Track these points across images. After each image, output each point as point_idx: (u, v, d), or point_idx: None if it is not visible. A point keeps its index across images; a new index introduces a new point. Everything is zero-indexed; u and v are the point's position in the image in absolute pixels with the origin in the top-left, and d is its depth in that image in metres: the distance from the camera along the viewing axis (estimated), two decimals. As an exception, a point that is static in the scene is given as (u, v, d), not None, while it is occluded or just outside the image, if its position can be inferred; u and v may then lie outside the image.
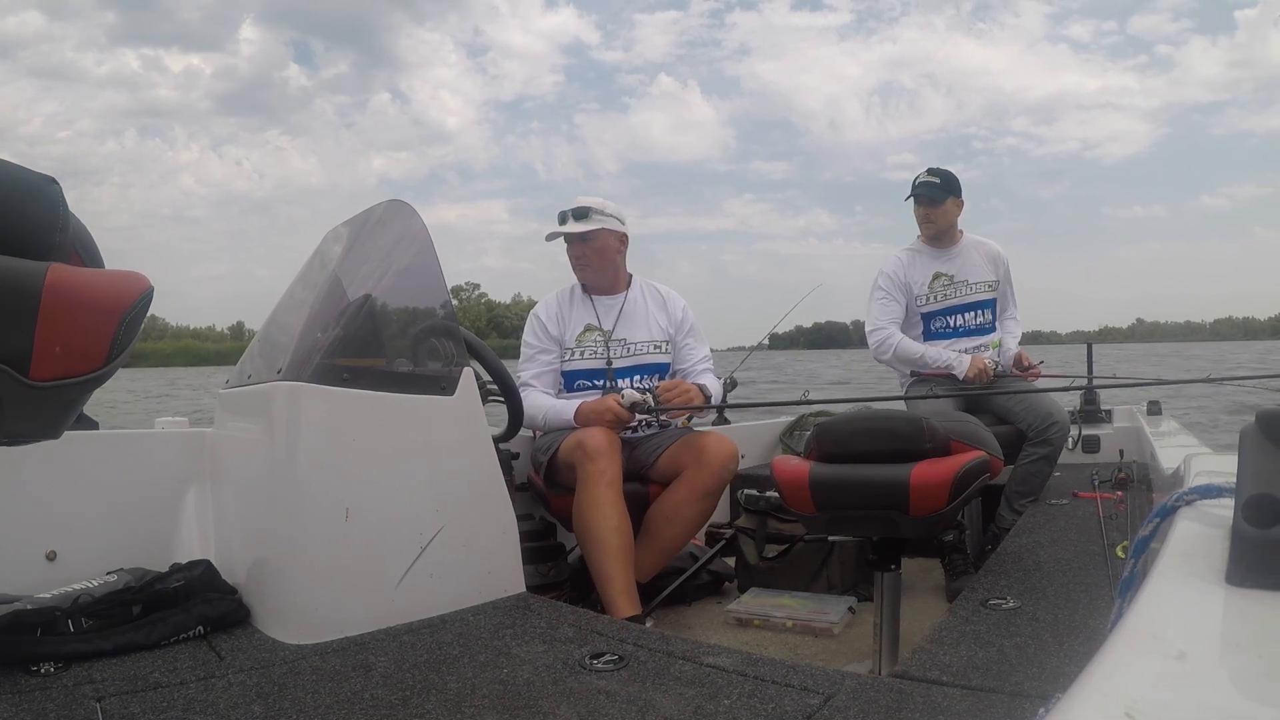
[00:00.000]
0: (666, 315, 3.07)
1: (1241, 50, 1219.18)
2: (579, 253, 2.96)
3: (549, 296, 3.09)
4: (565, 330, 2.97)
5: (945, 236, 3.48)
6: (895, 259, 3.51)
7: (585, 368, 2.95)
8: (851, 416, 2.33)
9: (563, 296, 3.06)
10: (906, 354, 3.40)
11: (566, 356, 2.95)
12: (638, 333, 3.01)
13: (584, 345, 2.96)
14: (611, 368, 2.93)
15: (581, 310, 3.01)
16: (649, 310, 3.05)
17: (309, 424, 1.83)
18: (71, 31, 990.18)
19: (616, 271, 3.04)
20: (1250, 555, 0.65)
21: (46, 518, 2.01)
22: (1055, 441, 3.06)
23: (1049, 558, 2.16)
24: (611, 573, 2.36)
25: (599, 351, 2.95)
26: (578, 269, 3.00)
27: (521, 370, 2.91)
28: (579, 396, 2.87)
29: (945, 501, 1.91)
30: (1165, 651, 0.54)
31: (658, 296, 3.10)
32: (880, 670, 1.99)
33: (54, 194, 0.89)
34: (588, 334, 2.97)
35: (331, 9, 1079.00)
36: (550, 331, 2.96)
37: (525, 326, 3.04)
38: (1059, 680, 1.31)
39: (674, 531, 2.62)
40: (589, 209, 2.94)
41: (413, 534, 1.85)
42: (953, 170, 3.43)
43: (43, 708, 1.38)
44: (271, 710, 1.36)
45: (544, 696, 1.38)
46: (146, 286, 0.94)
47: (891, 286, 3.47)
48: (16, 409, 0.85)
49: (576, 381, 2.96)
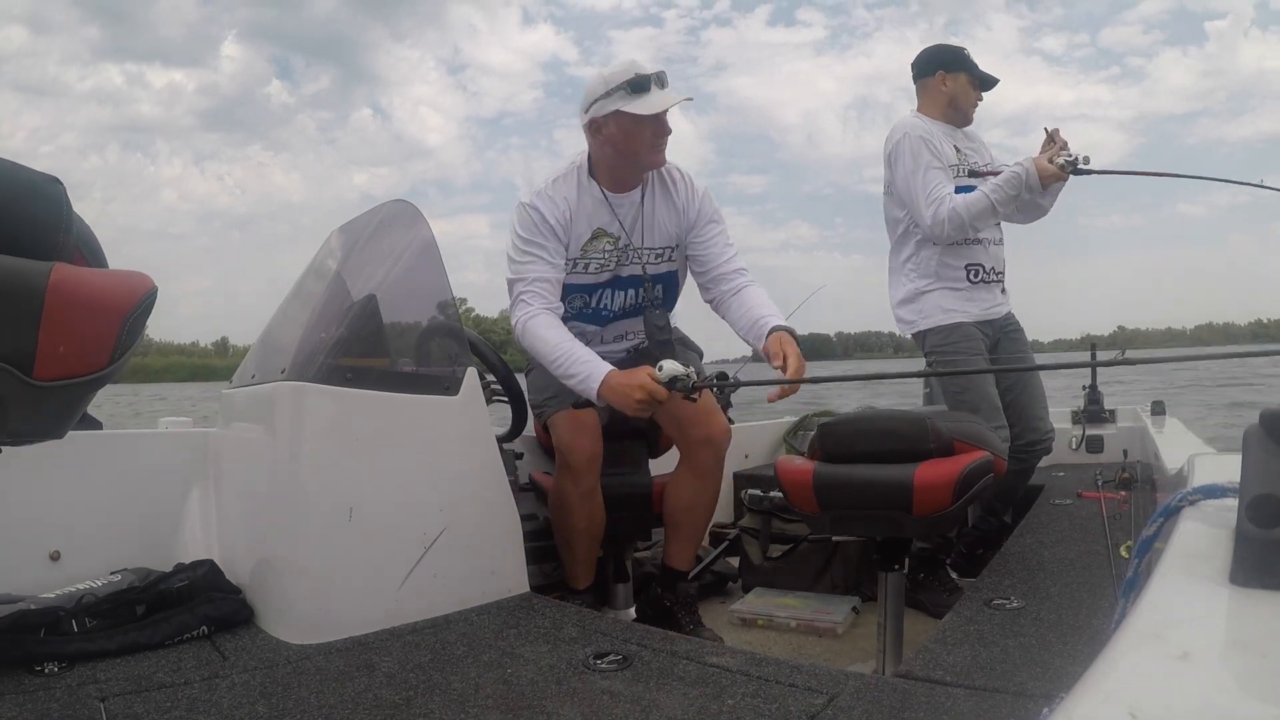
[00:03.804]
0: (673, 207, 2.42)
1: (1212, 60, 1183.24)
2: (665, 130, 2.26)
3: (546, 186, 2.32)
4: (572, 234, 2.33)
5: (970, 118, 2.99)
6: (917, 124, 2.86)
7: (584, 282, 2.40)
8: (855, 417, 2.33)
9: (568, 186, 2.33)
10: (975, 207, 2.70)
11: (569, 268, 2.35)
12: (654, 238, 2.41)
13: (589, 256, 2.36)
14: (619, 276, 2.41)
15: (592, 209, 2.34)
16: (656, 206, 2.41)
17: (313, 424, 1.83)
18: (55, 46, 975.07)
19: None
20: (1254, 555, 0.65)
21: (50, 518, 2.02)
22: (1035, 459, 2.94)
23: (1053, 558, 2.16)
24: (578, 553, 2.48)
25: (607, 264, 2.39)
26: (652, 152, 2.27)
27: (518, 275, 2.26)
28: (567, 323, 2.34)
29: (949, 502, 1.91)
30: (1169, 652, 0.54)
31: (664, 182, 2.42)
32: (884, 670, 1.99)
33: (57, 194, 0.90)
34: (596, 241, 2.36)
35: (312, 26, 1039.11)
36: (558, 231, 2.29)
37: (517, 220, 2.31)
38: (1063, 680, 1.31)
39: (698, 518, 2.49)
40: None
41: (416, 534, 1.85)
42: None
43: (47, 708, 1.38)
44: (275, 710, 1.36)
45: (548, 696, 1.38)
46: (150, 287, 0.95)
47: (935, 154, 2.80)
48: (20, 409, 0.86)
49: (568, 298, 2.39)
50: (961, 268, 2.84)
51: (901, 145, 2.79)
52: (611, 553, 2.66)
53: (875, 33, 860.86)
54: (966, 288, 2.84)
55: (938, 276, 2.84)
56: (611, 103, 2.19)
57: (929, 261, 2.85)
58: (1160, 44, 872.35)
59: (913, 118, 2.88)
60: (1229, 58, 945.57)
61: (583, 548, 2.48)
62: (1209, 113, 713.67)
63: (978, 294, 2.85)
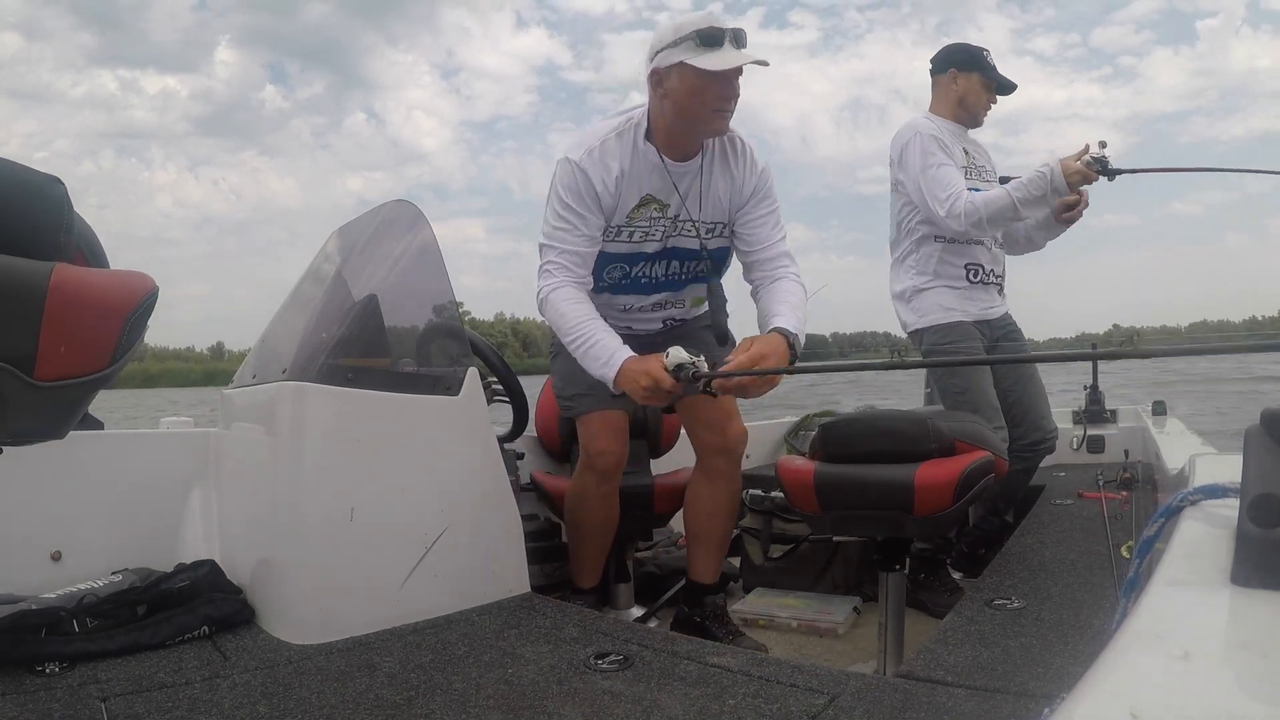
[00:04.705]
0: (730, 184, 2.19)
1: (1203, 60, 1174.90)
2: (733, 92, 2.03)
3: (598, 146, 2.09)
4: (620, 201, 2.11)
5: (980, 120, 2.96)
6: (927, 124, 2.82)
7: (625, 251, 2.20)
8: (856, 417, 2.33)
9: (622, 147, 2.10)
10: (994, 205, 2.62)
11: (608, 235, 2.15)
12: (710, 211, 2.20)
13: (635, 224, 2.15)
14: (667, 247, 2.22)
15: (645, 175, 2.12)
16: (715, 177, 2.18)
17: (313, 424, 1.84)
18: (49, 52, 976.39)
19: None
20: (1255, 555, 0.65)
21: (51, 518, 2.02)
22: (1039, 458, 2.92)
23: (1054, 558, 2.16)
24: (589, 553, 2.49)
25: (652, 234, 2.18)
26: (716, 116, 2.05)
27: (549, 241, 2.10)
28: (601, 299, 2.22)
29: (950, 502, 1.91)
30: (1170, 652, 0.54)
31: (724, 152, 2.19)
32: (885, 670, 1.98)
33: (58, 194, 0.90)
34: (643, 209, 2.14)
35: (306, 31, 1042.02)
36: (602, 201, 2.08)
37: (561, 178, 2.10)
38: (1063, 680, 1.31)
39: (716, 526, 2.40)
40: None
41: (417, 534, 1.85)
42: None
43: (48, 708, 1.38)
44: (276, 710, 1.36)
45: (549, 696, 1.38)
46: (151, 287, 0.95)
47: (946, 153, 2.76)
48: (21, 409, 0.86)
49: (607, 268, 2.21)
50: (961, 266, 2.83)
51: (912, 145, 2.77)
52: (613, 553, 2.66)
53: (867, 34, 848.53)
54: (965, 287, 2.83)
55: (937, 274, 2.83)
56: (678, 53, 1.97)
57: (929, 259, 2.84)
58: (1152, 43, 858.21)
59: (923, 118, 2.85)
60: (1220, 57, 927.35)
61: (595, 547, 2.48)
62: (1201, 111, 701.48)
63: (976, 294, 2.84)
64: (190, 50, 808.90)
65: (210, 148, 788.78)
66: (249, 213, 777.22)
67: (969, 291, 2.83)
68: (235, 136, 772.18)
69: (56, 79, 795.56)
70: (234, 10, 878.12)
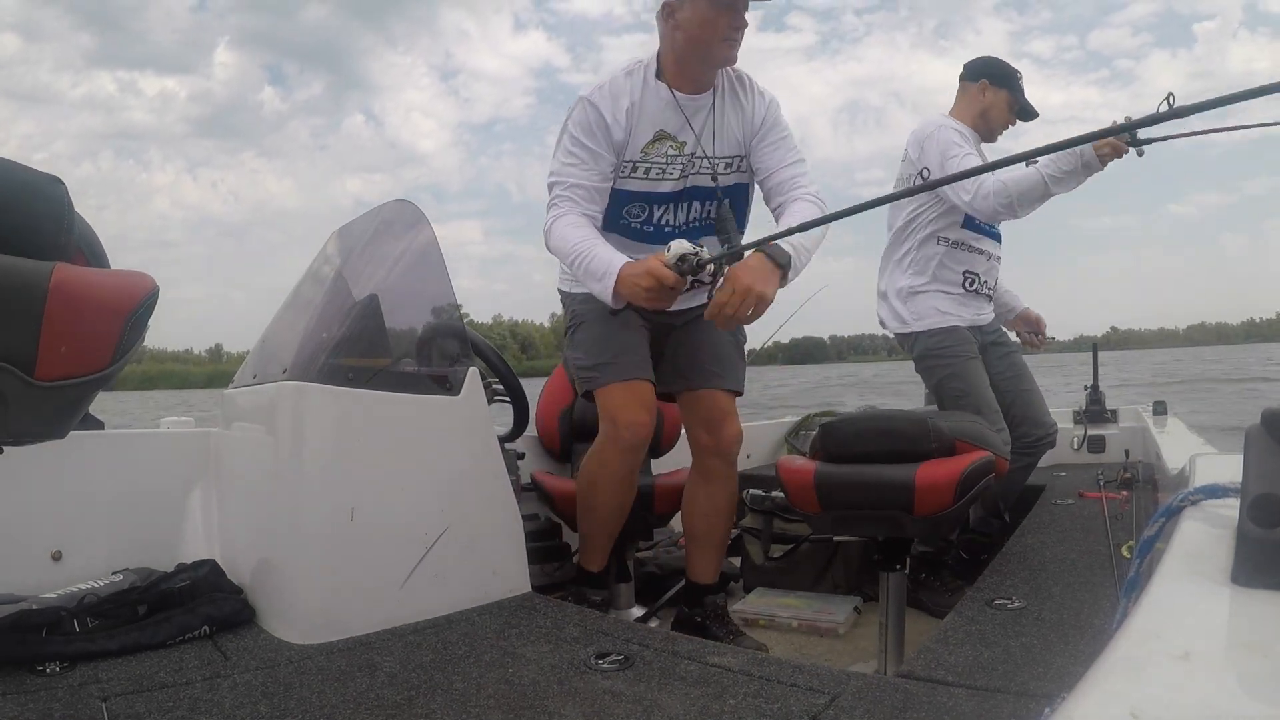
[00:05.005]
0: (742, 115, 2.24)
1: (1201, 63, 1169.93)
2: (741, 22, 2.13)
3: (609, 81, 2.18)
4: (631, 134, 2.15)
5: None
6: (950, 121, 2.84)
7: (644, 190, 2.21)
8: (857, 416, 2.33)
9: (632, 83, 2.17)
10: (1024, 183, 2.57)
11: (623, 171, 2.18)
12: (724, 145, 2.23)
13: (650, 159, 2.18)
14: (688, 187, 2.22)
15: (657, 110, 2.16)
16: (726, 110, 2.23)
17: (314, 424, 1.84)
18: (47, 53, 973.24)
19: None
20: (1255, 555, 0.65)
21: (52, 518, 2.02)
22: (1040, 452, 2.93)
23: (1054, 558, 2.15)
24: (602, 535, 2.38)
25: (669, 171, 2.19)
26: (726, 45, 2.11)
27: (558, 176, 2.15)
28: (623, 244, 2.18)
29: (950, 502, 1.91)
30: (1170, 651, 0.54)
31: (733, 86, 2.25)
32: (885, 670, 1.99)
33: (59, 194, 0.90)
34: (657, 144, 2.17)
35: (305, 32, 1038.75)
36: (613, 135, 2.13)
37: (574, 115, 2.17)
38: (1064, 680, 1.31)
39: (713, 525, 2.38)
40: None
41: (418, 534, 1.85)
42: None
43: (48, 708, 1.38)
44: (277, 710, 1.36)
45: (549, 696, 1.38)
46: (152, 286, 0.95)
47: (969, 145, 2.77)
48: (22, 409, 0.86)
49: (626, 207, 2.23)
50: (960, 273, 2.83)
51: (935, 136, 2.77)
52: (614, 553, 2.66)
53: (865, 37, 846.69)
54: (960, 294, 2.84)
55: (934, 277, 2.83)
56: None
57: (929, 261, 2.83)
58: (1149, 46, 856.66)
59: (944, 117, 2.86)
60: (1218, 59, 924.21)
61: (610, 528, 2.38)
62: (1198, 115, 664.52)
63: (970, 301, 2.86)
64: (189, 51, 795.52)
65: (208, 149, 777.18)
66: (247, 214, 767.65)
67: (963, 298, 2.84)
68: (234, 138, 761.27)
69: (55, 80, 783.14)
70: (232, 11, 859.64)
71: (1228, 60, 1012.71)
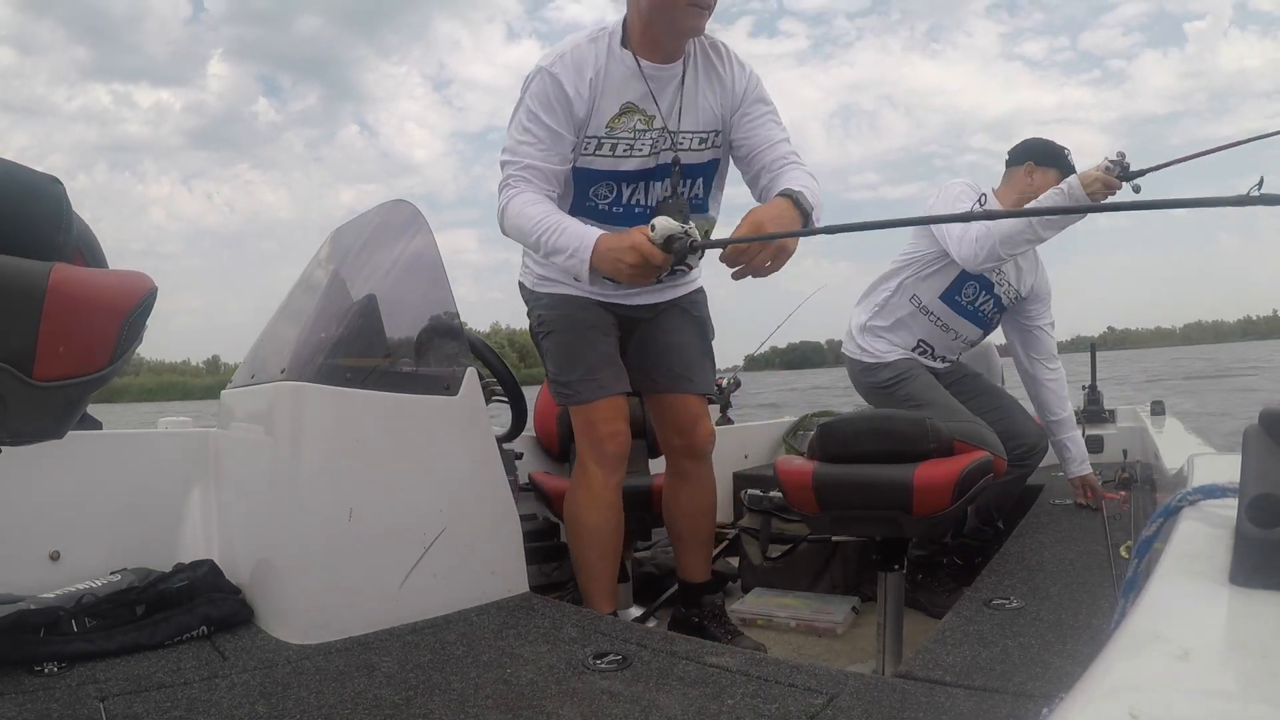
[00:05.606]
0: (719, 88, 2.08)
1: (1192, 62, 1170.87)
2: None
3: (570, 50, 1.99)
4: (594, 107, 1.99)
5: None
6: (971, 189, 2.82)
7: (612, 168, 2.05)
8: (855, 417, 2.33)
9: (595, 51, 1.99)
10: (1007, 227, 2.54)
11: (587, 148, 2.02)
12: (695, 119, 2.07)
13: (617, 135, 2.02)
14: (660, 164, 2.06)
15: (623, 81, 2.00)
16: (699, 82, 2.07)
17: (312, 424, 1.83)
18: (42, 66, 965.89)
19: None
20: (1254, 555, 0.65)
21: (50, 518, 2.02)
22: (1033, 464, 2.87)
23: (1052, 558, 2.16)
24: (599, 570, 2.19)
25: (638, 147, 2.03)
26: (690, 14, 1.92)
27: (512, 155, 1.99)
28: (591, 222, 2.00)
29: (949, 502, 1.91)
30: (1169, 652, 0.54)
31: (708, 56, 2.08)
32: (884, 670, 1.99)
33: (57, 194, 0.90)
34: (624, 118, 2.01)
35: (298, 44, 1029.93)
36: (575, 110, 1.96)
37: (531, 87, 1.98)
38: (1062, 680, 1.31)
39: (697, 524, 2.34)
40: None
41: (416, 534, 1.85)
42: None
43: (46, 708, 1.38)
44: (275, 710, 1.36)
45: (547, 697, 1.38)
46: (150, 287, 0.95)
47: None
48: (20, 409, 0.86)
49: (593, 188, 2.07)
50: (915, 339, 2.90)
51: (951, 190, 2.80)
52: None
53: (857, 41, 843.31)
54: (909, 351, 2.90)
55: (892, 328, 2.90)
56: None
57: (894, 311, 2.91)
58: (1140, 46, 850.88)
59: (983, 190, 2.85)
60: (1209, 58, 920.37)
61: (605, 563, 2.19)
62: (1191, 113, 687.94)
63: (920, 357, 2.92)
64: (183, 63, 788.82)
65: (203, 161, 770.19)
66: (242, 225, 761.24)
67: (912, 354, 2.91)
68: (228, 149, 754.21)
69: (51, 93, 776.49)
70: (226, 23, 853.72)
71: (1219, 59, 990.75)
